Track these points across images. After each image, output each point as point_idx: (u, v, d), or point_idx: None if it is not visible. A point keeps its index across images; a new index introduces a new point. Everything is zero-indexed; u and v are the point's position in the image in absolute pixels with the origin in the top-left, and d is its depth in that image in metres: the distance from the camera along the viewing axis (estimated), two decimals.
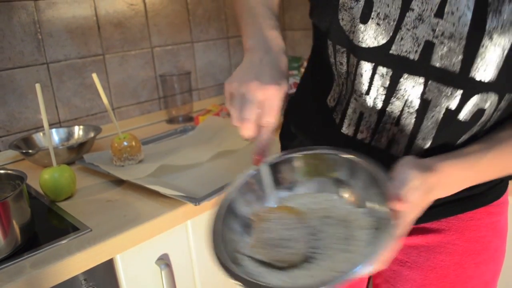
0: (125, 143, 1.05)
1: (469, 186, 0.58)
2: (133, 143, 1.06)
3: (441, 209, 0.68)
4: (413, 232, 0.72)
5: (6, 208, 0.72)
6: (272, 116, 0.55)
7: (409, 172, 0.51)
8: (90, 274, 0.78)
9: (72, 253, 0.73)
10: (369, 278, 0.87)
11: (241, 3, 0.71)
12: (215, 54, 1.69)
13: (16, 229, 0.74)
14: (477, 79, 0.52)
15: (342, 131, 0.66)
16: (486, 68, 0.51)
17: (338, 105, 0.67)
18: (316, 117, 0.73)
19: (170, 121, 1.50)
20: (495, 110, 0.56)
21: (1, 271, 0.70)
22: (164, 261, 0.89)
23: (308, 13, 0.70)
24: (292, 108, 0.82)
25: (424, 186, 0.52)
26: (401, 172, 0.52)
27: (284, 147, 0.84)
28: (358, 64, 0.59)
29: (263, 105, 0.55)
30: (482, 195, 0.69)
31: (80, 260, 0.74)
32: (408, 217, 0.51)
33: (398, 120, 0.59)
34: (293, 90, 1.22)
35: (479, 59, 0.51)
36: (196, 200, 0.87)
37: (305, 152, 0.61)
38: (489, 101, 0.54)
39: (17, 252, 0.74)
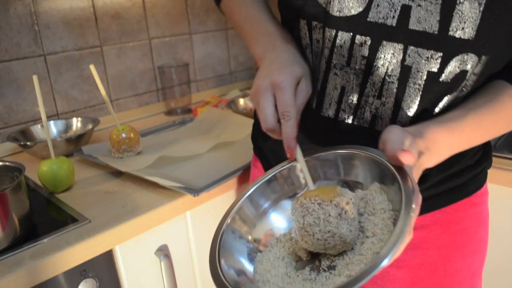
0: (124, 135, 1.05)
1: (454, 152, 0.57)
2: (132, 135, 1.06)
3: (426, 204, 0.67)
4: None
5: (5, 200, 0.72)
6: (286, 105, 0.55)
7: (400, 132, 0.50)
8: (89, 265, 0.79)
9: (71, 244, 0.73)
10: None
11: (237, 13, 0.72)
12: (214, 45, 1.68)
13: (15, 221, 0.74)
14: (457, 37, 0.53)
15: (322, 114, 0.64)
16: (464, 26, 0.52)
17: (313, 88, 0.65)
18: None
19: (169, 113, 1.50)
20: (472, 73, 0.56)
21: (1, 263, 0.70)
22: (164, 252, 0.89)
23: (277, 5, 0.69)
24: None
25: (415, 149, 0.50)
26: (391, 134, 0.50)
27: (258, 148, 0.83)
28: (336, 35, 0.59)
29: (276, 99, 0.55)
30: (464, 185, 0.69)
31: (79, 251, 0.74)
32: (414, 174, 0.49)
33: (380, 91, 0.59)
34: None
35: (456, 17, 0.52)
36: (195, 191, 0.87)
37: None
38: (470, 63, 0.55)
39: (16, 244, 0.74)
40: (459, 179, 0.67)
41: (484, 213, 0.73)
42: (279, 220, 0.60)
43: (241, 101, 1.48)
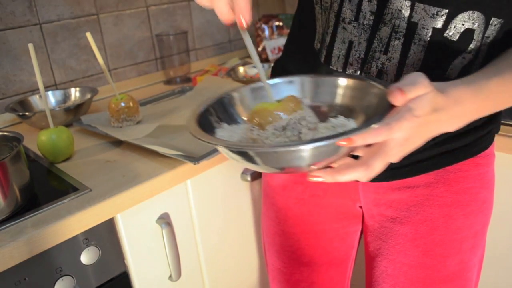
0: (123, 104, 1.04)
1: (474, 118, 0.53)
2: (131, 104, 1.05)
3: (430, 162, 0.69)
4: (402, 188, 0.72)
5: (4, 169, 0.72)
6: None
7: (420, 77, 0.47)
8: (91, 233, 0.79)
9: (73, 212, 0.74)
10: (360, 236, 0.87)
11: None
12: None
13: (15, 190, 0.74)
14: None
15: (330, 67, 0.65)
16: None
17: (323, 42, 0.66)
18: (304, 66, 0.73)
19: (168, 82, 1.48)
20: (483, 35, 0.56)
21: (3, 231, 0.70)
22: (165, 220, 0.89)
23: None
24: (279, 69, 0.83)
25: (431, 101, 0.47)
26: (411, 76, 0.48)
27: None
28: None
29: None
30: (469, 146, 0.69)
31: (81, 220, 0.74)
32: (408, 124, 0.46)
33: (386, 47, 0.60)
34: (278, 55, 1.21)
35: None
36: (195, 159, 0.87)
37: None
38: (477, 22, 0.55)
39: (17, 213, 0.74)
40: (463, 139, 0.68)
41: (489, 175, 0.73)
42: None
43: (241, 70, 1.46)
